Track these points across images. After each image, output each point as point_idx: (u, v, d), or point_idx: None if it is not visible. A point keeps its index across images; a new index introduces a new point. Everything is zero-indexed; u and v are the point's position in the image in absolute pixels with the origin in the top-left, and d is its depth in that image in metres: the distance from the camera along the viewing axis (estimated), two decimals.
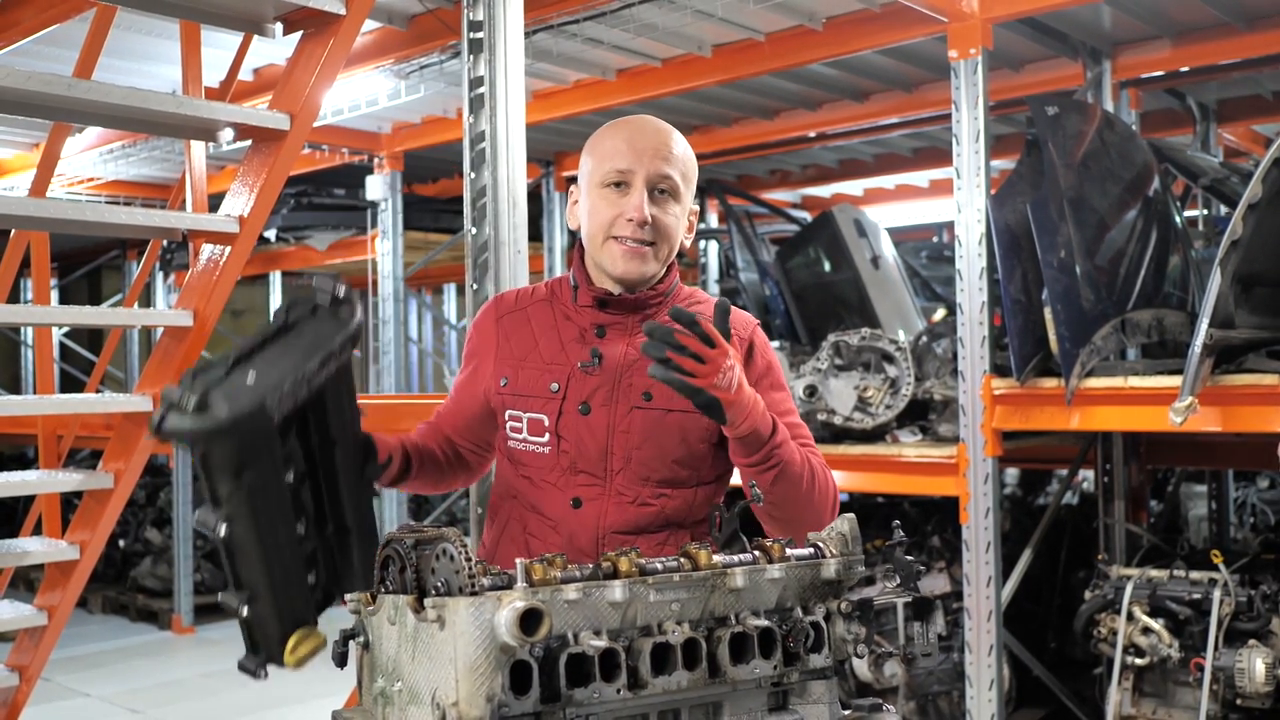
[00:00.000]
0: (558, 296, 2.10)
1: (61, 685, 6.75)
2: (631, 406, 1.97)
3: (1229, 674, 3.93)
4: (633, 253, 1.98)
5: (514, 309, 2.13)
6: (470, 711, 1.36)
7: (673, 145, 2.01)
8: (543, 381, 2.02)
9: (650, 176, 1.97)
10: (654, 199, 1.98)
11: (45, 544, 3.48)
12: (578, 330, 2.04)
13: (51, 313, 3.63)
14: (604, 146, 2.03)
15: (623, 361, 1.99)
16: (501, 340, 2.10)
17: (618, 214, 1.98)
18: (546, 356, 2.03)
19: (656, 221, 1.97)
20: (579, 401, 1.99)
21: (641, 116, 2.08)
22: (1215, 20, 4.90)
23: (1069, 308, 4.08)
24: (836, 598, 1.66)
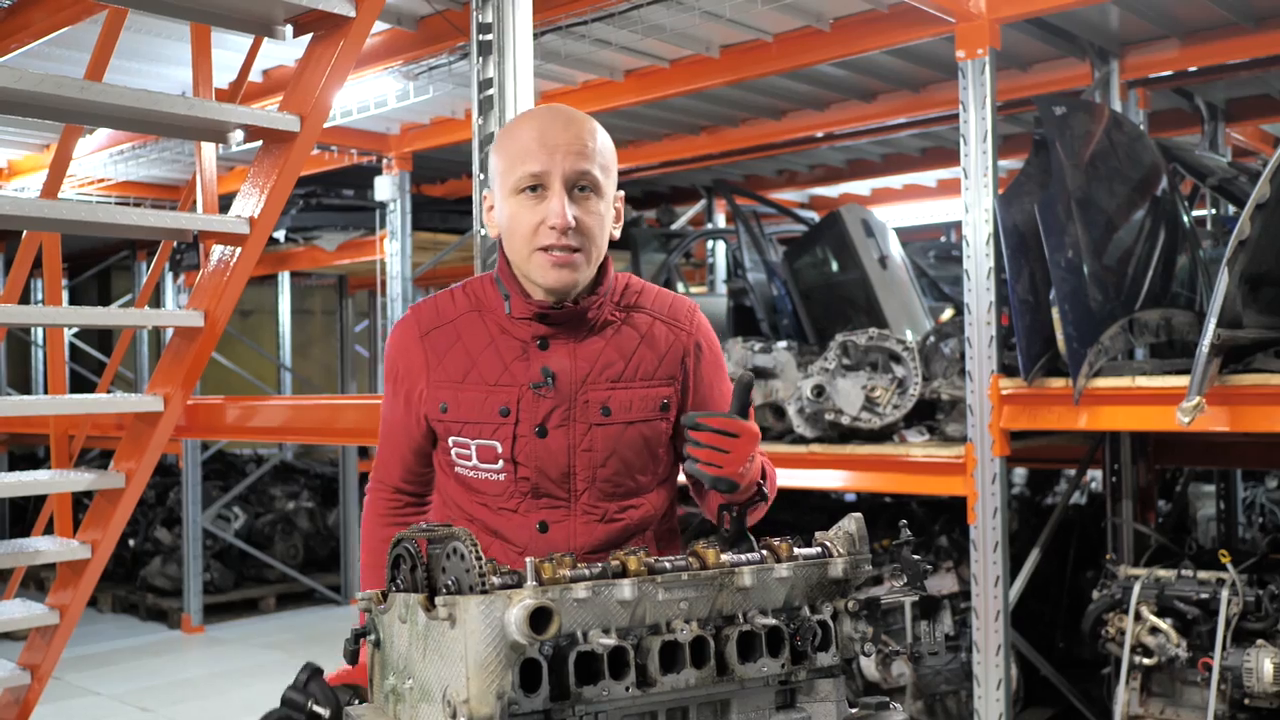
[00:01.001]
0: (486, 306, 1.96)
1: (72, 684, 6.78)
2: (591, 424, 1.90)
3: (1237, 674, 3.93)
4: (561, 262, 1.85)
5: (438, 323, 1.97)
6: (481, 709, 1.37)
7: (588, 137, 1.87)
8: (489, 405, 1.90)
9: (568, 175, 1.84)
10: (574, 199, 1.85)
11: (57, 543, 3.50)
12: (518, 345, 1.92)
13: (64, 313, 3.65)
14: (514, 147, 1.87)
15: (574, 377, 1.90)
16: (432, 360, 1.95)
17: (539, 221, 1.84)
18: (489, 377, 1.91)
19: (581, 223, 1.85)
20: (534, 424, 1.89)
21: (550, 108, 1.93)
22: (1223, 20, 4.89)
23: (1077, 307, 4.08)
24: (844, 596, 1.68)
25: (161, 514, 9.24)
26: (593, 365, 1.91)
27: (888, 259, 6.28)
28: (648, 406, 1.93)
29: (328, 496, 9.95)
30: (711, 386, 2.02)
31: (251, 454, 10.82)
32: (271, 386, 10.54)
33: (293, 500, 9.69)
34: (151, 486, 9.51)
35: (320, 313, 12.92)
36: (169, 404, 3.27)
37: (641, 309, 1.98)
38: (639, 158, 7.27)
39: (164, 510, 9.27)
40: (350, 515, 9.18)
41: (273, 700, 1.83)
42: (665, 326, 1.98)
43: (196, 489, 8.34)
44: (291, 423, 4.80)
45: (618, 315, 1.96)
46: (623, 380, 1.92)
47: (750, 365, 5.11)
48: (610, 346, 1.93)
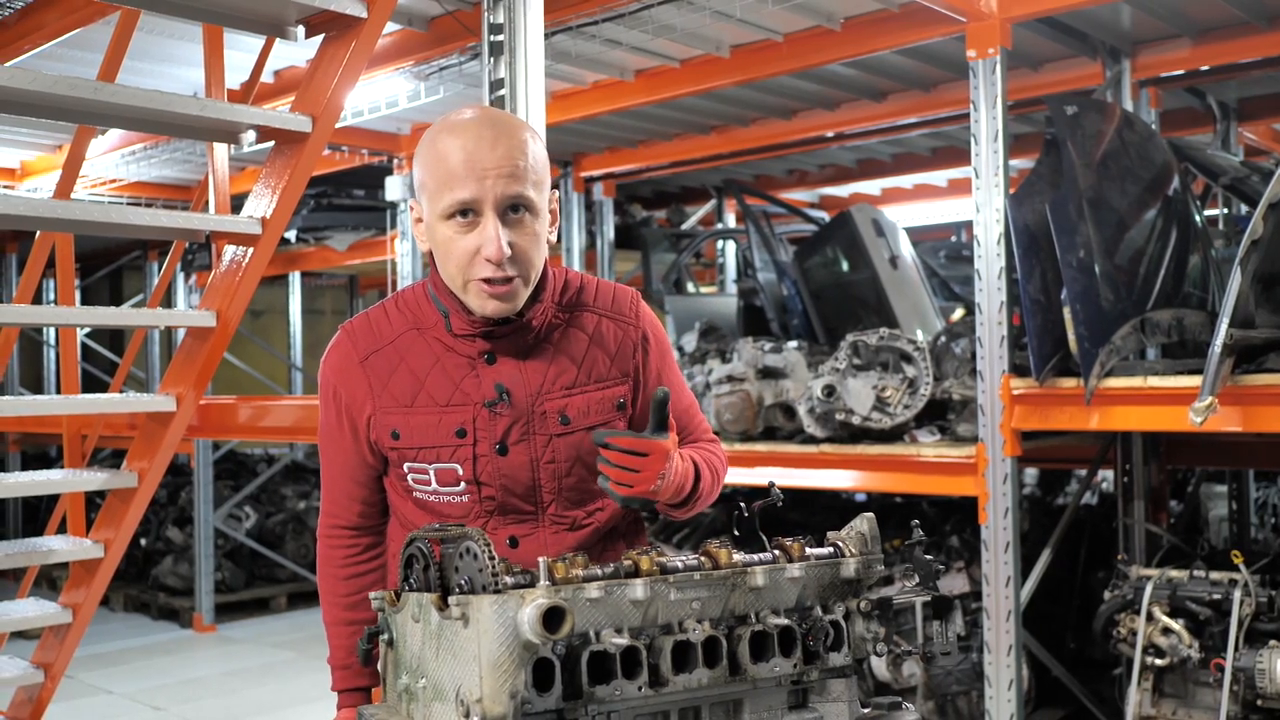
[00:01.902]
0: (424, 323, 1.88)
1: (84, 682, 6.81)
2: (551, 435, 1.85)
3: (1250, 675, 3.91)
4: (498, 293, 1.77)
5: (376, 346, 1.89)
6: (494, 708, 1.38)
7: (518, 156, 1.75)
8: (444, 428, 1.83)
9: (499, 200, 1.74)
10: (508, 222, 1.75)
11: (70, 542, 3.52)
12: (465, 361, 1.85)
13: (76, 313, 3.67)
14: (441, 169, 1.75)
15: (528, 389, 1.85)
16: (375, 385, 1.87)
17: (473, 251, 1.75)
18: (440, 398, 1.84)
19: (516, 249, 1.75)
20: (493, 443, 1.83)
21: (477, 119, 1.79)
22: (1235, 19, 4.88)
23: (1088, 307, 4.07)
24: (856, 596, 1.68)
25: (173, 513, 9.27)
26: (545, 375, 1.86)
27: (898, 259, 6.27)
28: (605, 408, 1.90)
29: None
30: (659, 377, 1.98)
31: (263, 454, 10.85)
32: (283, 386, 10.57)
33: (304, 500, 9.71)
34: (163, 486, 9.55)
35: (331, 313, 12.94)
36: (181, 404, 3.29)
37: (585, 307, 1.93)
38: (649, 157, 7.27)
39: (176, 510, 9.30)
40: None
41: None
42: (612, 323, 1.94)
43: (208, 488, 8.36)
44: (303, 422, 4.81)
45: (561, 317, 1.90)
46: (577, 385, 1.88)
47: (761, 365, 5.11)
48: (560, 353, 1.88)
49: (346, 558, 1.98)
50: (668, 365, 2.00)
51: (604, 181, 7.73)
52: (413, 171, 1.84)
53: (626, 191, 8.53)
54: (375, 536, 2.00)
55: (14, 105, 2.85)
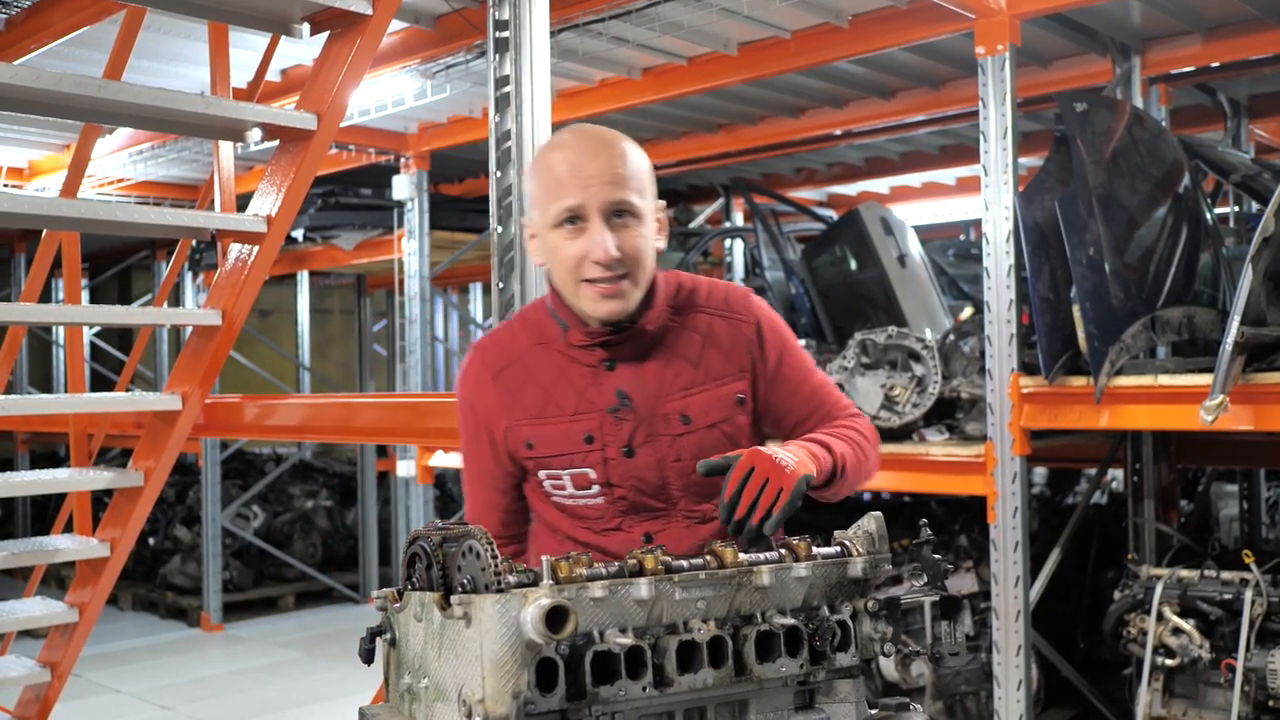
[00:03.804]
0: (547, 337, 1.97)
1: (92, 681, 6.82)
2: (674, 436, 1.92)
3: (1261, 675, 3.89)
4: (608, 293, 1.85)
5: (507, 362, 1.99)
6: (496, 708, 1.36)
7: (619, 165, 1.85)
8: (573, 435, 1.93)
9: (604, 206, 1.83)
10: (614, 227, 1.84)
11: (76, 541, 3.51)
12: (587, 371, 1.94)
13: (82, 312, 3.66)
14: (547, 180, 1.87)
15: (648, 393, 1.92)
16: (507, 400, 1.97)
17: (581, 255, 1.84)
18: (567, 408, 1.93)
19: (624, 251, 1.84)
20: (619, 447, 1.92)
21: (579, 134, 1.91)
22: (1246, 15, 4.84)
23: (1098, 305, 4.04)
24: (863, 596, 1.66)
25: (181, 513, 9.29)
26: (662, 378, 1.93)
27: (906, 257, 6.24)
28: (724, 405, 1.94)
29: (346, 495, 9.97)
30: (780, 364, 2.00)
31: (270, 453, 10.86)
32: (290, 386, 10.57)
33: (311, 499, 9.72)
34: (171, 485, 9.56)
35: (339, 312, 12.95)
36: (187, 402, 3.28)
37: (697, 308, 1.98)
38: (656, 156, 7.23)
39: (183, 509, 9.31)
40: (369, 514, 9.20)
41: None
42: (724, 321, 1.98)
43: (216, 488, 8.37)
44: (309, 421, 4.80)
45: (675, 321, 1.96)
46: (695, 385, 1.93)
47: None
48: (675, 355, 1.94)
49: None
50: (789, 352, 2.02)
51: None
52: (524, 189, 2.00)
53: None
54: (517, 545, 2.08)
55: (19, 103, 2.85)
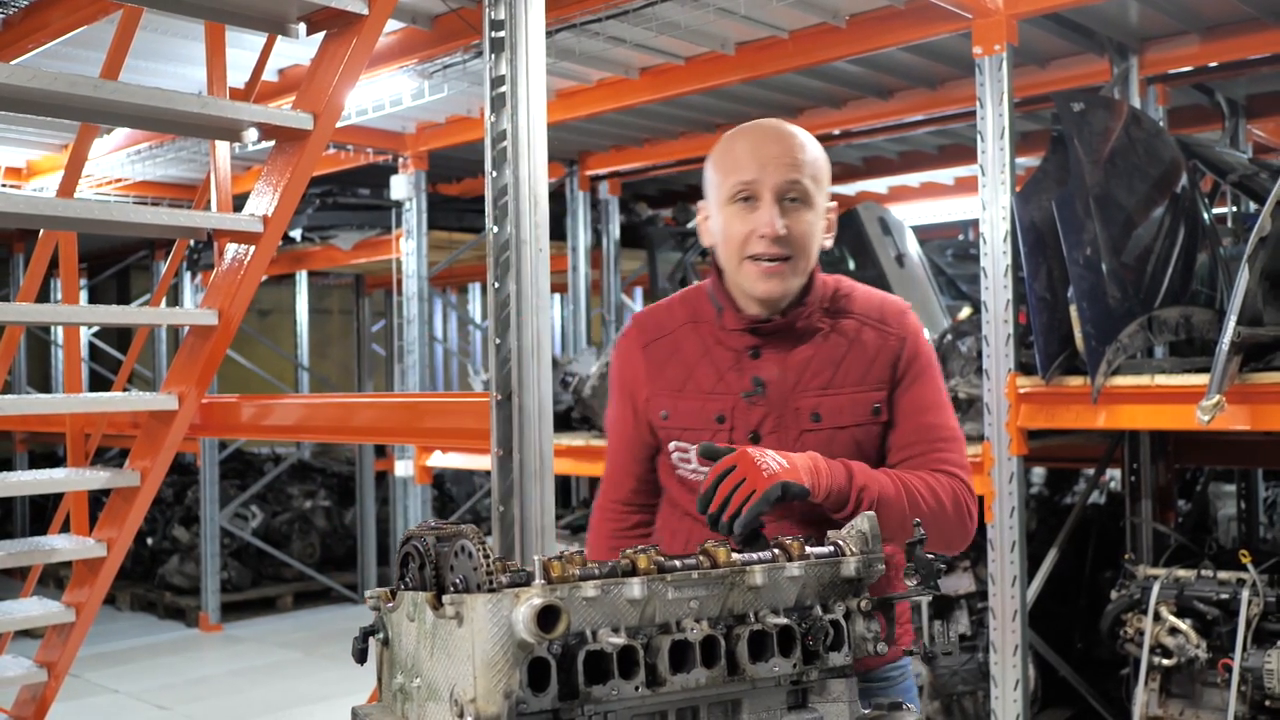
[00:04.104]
0: (701, 318, 2.04)
1: (90, 681, 6.82)
2: (801, 430, 1.94)
3: (1257, 675, 3.89)
4: (771, 272, 1.92)
5: (658, 334, 2.07)
6: (488, 708, 1.36)
7: (798, 150, 1.94)
8: (706, 413, 1.98)
9: (778, 186, 1.91)
10: (784, 209, 1.91)
11: (73, 541, 3.52)
12: (731, 355, 1.99)
13: (78, 312, 3.66)
14: (727, 160, 1.96)
15: (784, 385, 1.96)
16: (653, 370, 2.05)
17: (749, 231, 1.92)
18: (705, 386, 1.99)
19: (790, 232, 1.91)
20: (748, 431, 1.95)
21: (764, 122, 2.00)
22: (1244, 15, 4.84)
23: (1095, 305, 4.04)
24: (856, 596, 1.66)
25: (179, 512, 9.29)
26: (801, 374, 1.96)
27: (904, 257, 6.25)
28: (859, 411, 1.95)
29: (345, 495, 9.97)
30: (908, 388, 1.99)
31: (269, 453, 10.86)
32: (289, 386, 10.57)
33: (310, 499, 9.72)
34: (169, 485, 9.56)
35: (338, 312, 12.95)
36: (183, 402, 3.28)
37: (850, 314, 2.01)
38: (655, 156, 7.25)
39: (182, 509, 9.31)
40: (367, 514, 9.20)
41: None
42: (874, 331, 2.00)
43: (214, 488, 8.37)
44: (306, 421, 4.80)
45: (826, 322, 2.00)
46: (832, 387, 1.96)
47: None
48: (819, 354, 1.97)
49: (615, 531, 2.15)
50: (924, 380, 2.01)
51: (609, 180, 7.72)
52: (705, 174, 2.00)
53: (632, 190, 8.51)
54: (645, 515, 2.14)
55: (15, 103, 2.84)
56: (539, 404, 3.06)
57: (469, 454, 5.81)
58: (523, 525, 3.02)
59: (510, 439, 3.05)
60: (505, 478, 3.05)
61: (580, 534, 6.51)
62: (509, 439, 3.06)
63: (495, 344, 3.09)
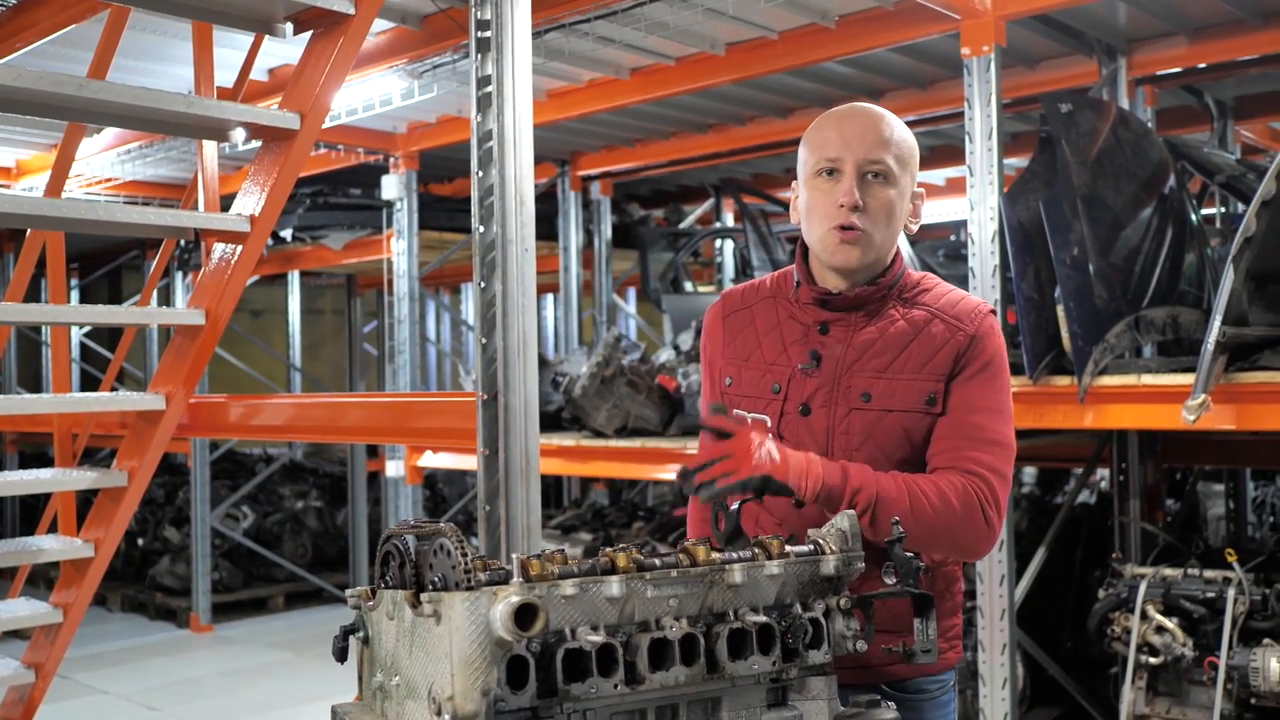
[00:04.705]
0: (782, 293, 2.10)
1: (80, 683, 6.80)
2: (850, 408, 1.97)
3: (1243, 673, 3.90)
4: (847, 239, 1.96)
5: (739, 307, 2.14)
6: (465, 706, 1.37)
7: (883, 129, 1.99)
8: (765, 382, 2.04)
9: (860, 162, 1.96)
10: (864, 184, 1.96)
11: (60, 542, 3.51)
12: (801, 329, 2.04)
13: (64, 311, 3.66)
14: (817, 138, 2.02)
15: (841, 362, 1.99)
16: (728, 339, 2.12)
17: (830, 202, 1.97)
18: (769, 357, 2.05)
19: (868, 206, 1.96)
20: (799, 403, 1.99)
21: (855, 105, 2.06)
22: (1231, 17, 4.86)
23: (1082, 305, 4.05)
24: (836, 594, 1.66)
25: (170, 513, 9.27)
26: (863, 353, 1.99)
27: None
28: (912, 398, 1.96)
29: (337, 496, 9.96)
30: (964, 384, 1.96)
31: (261, 453, 10.84)
32: (282, 386, 10.57)
33: (301, 499, 9.70)
34: (160, 485, 9.54)
35: (331, 312, 12.94)
36: (171, 402, 3.27)
37: (924, 306, 2.03)
38: (646, 156, 7.26)
39: (173, 509, 9.29)
40: (359, 514, 9.19)
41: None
42: (944, 324, 2.00)
43: (205, 488, 8.36)
44: (295, 421, 4.80)
45: (898, 310, 2.02)
46: (889, 371, 1.97)
47: None
48: (884, 337, 2.00)
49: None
50: (984, 380, 1.97)
51: (601, 180, 7.73)
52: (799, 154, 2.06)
53: (624, 190, 8.52)
54: None
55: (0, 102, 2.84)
56: (525, 403, 3.07)
57: (459, 454, 5.81)
58: (509, 524, 3.02)
59: (496, 438, 3.06)
60: (491, 477, 3.06)
61: (570, 534, 6.51)
62: (495, 438, 3.06)
63: (482, 343, 3.09)
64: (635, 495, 7.84)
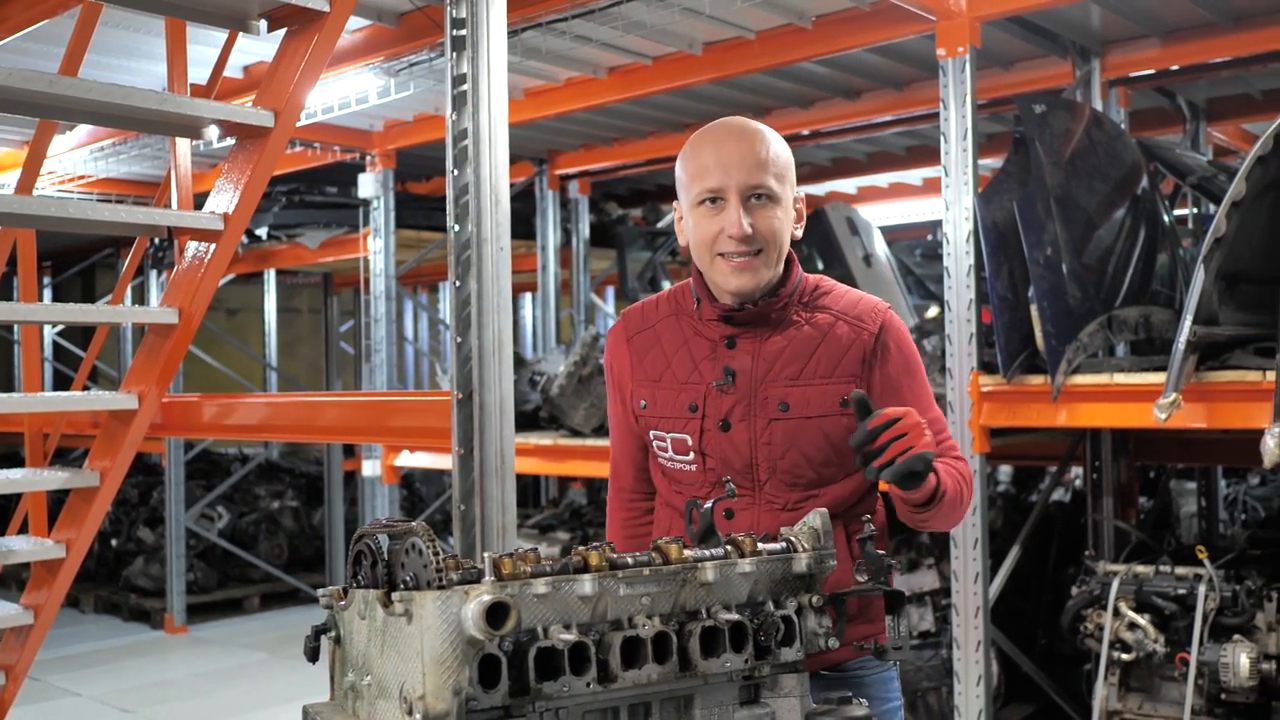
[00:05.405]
0: (682, 309, 2.11)
1: (53, 685, 6.74)
2: (770, 419, 1.99)
3: (1214, 669, 3.94)
4: (741, 266, 1.97)
5: (641, 328, 2.14)
6: (437, 704, 1.36)
7: (760, 150, 1.98)
8: (680, 402, 2.04)
9: (743, 188, 1.96)
10: (750, 208, 1.96)
11: (31, 542, 3.48)
12: (708, 345, 2.05)
13: (35, 310, 3.62)
14: (693, 165, 2.01)
15: (754, 375, 2.00)
16: (635, 362, 2.12)
17: (718, 231, 1.97)
18: (681, 376, 2.05)
19: (756, 229, 1.96)
20: (718, 419, 2.01)
21: (726, 123, 2.04)
22: (1203, 19, 4.90)
23: (1055, 305, 4.08)
24: (808, 592, 1.67)
25: (144, 513, 9.20)
26: (773, 364, 2.00)
27: (872, 256, 6.28)
28: (826, 403, 1.99)
29: (313, 495, 9.91)
30: (896, 384, 2.03)
31: (236, 453, 10.78)
32: (258, 385, 10.50)
33: (277, 499, 9.66)
34: (134, 486, 9.47)
35: (307, 311, 12.87)
36: (143, 401, 3.25)
37: (826, 309, 2.05)
38: (624, 155, 7.25)
39: (147, 510, 9.23)
40: (335, 514, 9.15)
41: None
42: (847, 326, 2.03)
43: (180, 488, 8.30)
44: (271, 420, 4.78)
45: (801, 316, 2.04)
46: (801, 378, 1.99)
47: None
48: (791, 345, 2.01)
49: (626, 519, 2.24)
50: (908, 374, 2.05)
51: (579, 179, 7.71)
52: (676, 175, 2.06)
53: (602, 189, 8.52)
54: (652, 502, 2.21)
55: None
56: (500, 403, 3.07)
57: (436, 453, 5.79)
58: (484, 524, 3.02)
59: (471, 438, 3.05)
60: (466, 476, 3.05)
61: (548, 533, 6.51)
62: (470, 438, 3.05)
63: (457, 343, 3.09)
64: None
